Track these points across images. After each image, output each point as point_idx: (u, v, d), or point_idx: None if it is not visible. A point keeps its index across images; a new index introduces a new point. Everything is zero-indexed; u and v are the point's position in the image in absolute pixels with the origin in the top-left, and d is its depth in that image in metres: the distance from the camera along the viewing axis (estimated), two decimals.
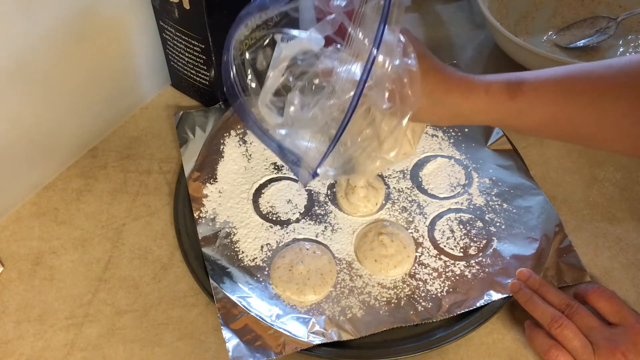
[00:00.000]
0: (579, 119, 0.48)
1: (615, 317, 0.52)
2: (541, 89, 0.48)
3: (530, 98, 0.48)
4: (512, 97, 0.48)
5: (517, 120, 0.50)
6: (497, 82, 0.49)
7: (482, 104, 0.49)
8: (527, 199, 0.65)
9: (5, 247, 0.62)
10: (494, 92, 0.49)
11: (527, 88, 0.48)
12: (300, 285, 0.58)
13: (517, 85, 0.48)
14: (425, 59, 0.49)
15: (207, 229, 0.62)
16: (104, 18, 0.65)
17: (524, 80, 0.48)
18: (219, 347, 0.55)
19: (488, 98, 0.49)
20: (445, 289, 0.58)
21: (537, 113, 0.49)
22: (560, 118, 0.48)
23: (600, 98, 0.47)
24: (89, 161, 0.70)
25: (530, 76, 0.49)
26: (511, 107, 0.49)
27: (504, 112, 0.49)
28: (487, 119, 0.51)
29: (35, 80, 0.60)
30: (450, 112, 0.50)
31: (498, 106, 0.49)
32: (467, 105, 0.49)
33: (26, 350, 0.55)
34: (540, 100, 0.48)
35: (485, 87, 0.49)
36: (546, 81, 0.48)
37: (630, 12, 0.78)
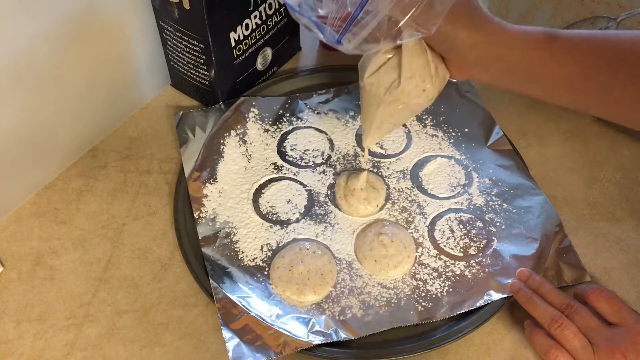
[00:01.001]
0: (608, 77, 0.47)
1: (615, 317, 0.52)
2: (575, 40, 0.48)
3: (565, 45, 0.48)
4: (548, 41, 0.48)
5: (550, 67, 0.49)
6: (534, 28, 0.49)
7: (520, 40, 0.49)
8: (527, 199, 0.65)
9: (5, 247, 0.62)
10: (531, 33, 0.49)
11: (563, 37, 0.48)
12: (300, 285, 0.58)
13: (553, 34, 0.48)
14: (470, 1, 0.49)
15: (207, 229, 0.62)
16: (104, 18, 0.65)
17: (559, 31, 0.49)
18: (219, 347, 0.55)
19: (526, 36, 0.49)
20: (445, 289, 0.58)
21: (570, 63, 0.48)
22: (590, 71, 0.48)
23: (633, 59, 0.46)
24: (89, 161, 0.70)
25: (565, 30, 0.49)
26: (547, 51, 0.48)
27: (539, 54, 0.48)
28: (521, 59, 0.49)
29: (35, 81, 0.60)
30: (486, 40, 0.49)
31: (535, 46, 0.48)
32: (505, 37, 0.49)
33: (26, 350, 0.55)
34: (574, 49, 0.48)
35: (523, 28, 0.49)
36: (580, 35, 0.49)
37: (630, 12, 0.78)
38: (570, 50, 0.48)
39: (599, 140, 0.72)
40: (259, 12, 0.70)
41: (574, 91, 0.50)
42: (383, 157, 0.70)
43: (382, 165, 0.69)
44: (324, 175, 0.68)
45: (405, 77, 0.51)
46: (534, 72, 0.49)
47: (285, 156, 0.70)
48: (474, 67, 0.51)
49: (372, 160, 0.69)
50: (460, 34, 0.49)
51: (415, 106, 0.54)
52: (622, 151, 0.71)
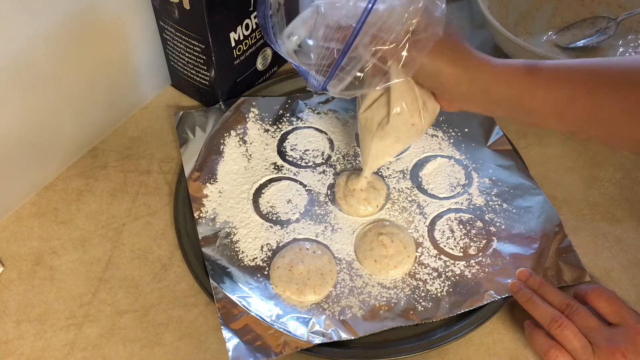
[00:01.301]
0: (592, 102, 0.48)
1: (615, 317, 0.52)
2: (559, 70, 0.49)
3: (548, 77, 0.49)
4: (531, 72, 0.49)
5: (534, 97, 0.50)
6: (516, 61, 0.50)
7: (502, 73, 0.50)
8: (527, 199, 0.65)
9: (5, 247, 0.62)
10: (513, 66, 0.50)
11: (545, 68, 0.49)
12: (300, 285, 0.58)
13: (535, 65, 0.49)
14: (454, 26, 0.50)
15: (207, 229, 0.62)
16: (104, 18, 0.65)
17: (540, 62, 0.50)
18: (219, 347, 0.55)
19: (508, 70, 0.50)
20: (445, 289, 0.58)
21: (554, 91, 0.49)
22: (574, 99, 0.48)
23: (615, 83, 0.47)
24: (89, 161, 0.70)
25: (545, 62, 0.50)
26: (530, 83, 0.49)
27: (522, 87, 0.49)
28: (505, 93, 0.50)
29: (35, 81, 0.60)
30: (469, 75, 0.50)
31: (517, 80, 0.49)
32: (488, 71, 0.50)
33: (26, 350, 0.55)
34: (558, 79, 0.49)
35: (505, 62, 0.50)
36: (561, 65, 0.50)
37: (630, 12, 0.78)
38: (552, 81, 0.49)
39: None
40: None
41: (561, 117, 0.51)
42: None
43: (382, 165, 0.69)
44: (324, 175, 0.68)
45: (394, 114, 0.53)
46: (519, 103, 0.50)
47: (285, 156, 0.70)
48: (462, 101, 0.53)
49: None
50: (444, 71, 0.50)
51: (407, 139, 0.57)
52: (622, 151, 0.70)
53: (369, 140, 0.57)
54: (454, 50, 0.50)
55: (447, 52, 0.50)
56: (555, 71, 0.49)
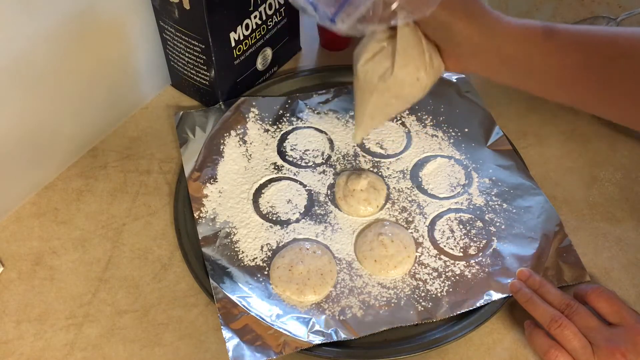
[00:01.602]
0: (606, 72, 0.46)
1: (615, 318, 0.52)
2: (574, 34, 0.48)
3: (563, 39, 0.47)
4: (546, 34, 0.47)
5: (547, 60, 0.48)
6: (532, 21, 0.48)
7: (517, 32, 0.48)
8: (527, 199, 0.65)
9: (5, 247, 0.62)
10: (528, 26, 0.48)
11: (562, 31, 0.47)
12: (300, 285, 0.58)
13: (551, 28, 0.47)
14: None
15: (207, 229, 0.62)
16: (104, 18, 0.65)
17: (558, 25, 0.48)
18: (219, 347, 0.55)
19: (523, 29, 0.48)
20: (445, 289, 0.58)
21: (569, 56, 0.47)
22: (589, 66, 0.47)
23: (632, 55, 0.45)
24: (89, 161, 0.70)
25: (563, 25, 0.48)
26: (544, 44, 0.47)
27: (536, 47, 0.48)
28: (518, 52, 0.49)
29: (35, 81, 0.60)
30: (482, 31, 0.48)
31: (531, 39, 0.48)
32: (502, 29, 0.48)
33: (26, 350, 0.55)
34: (572, 43, 0.47)
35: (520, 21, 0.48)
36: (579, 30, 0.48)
37: (630, 12, 0.78)
38: (568, 45, 0.47)
39: (599, 141, 0.72)
40: (259, 12, 0.70)
41: (572, 86, 0.49)
42: (383, 157, 0.70)
43: (382, 165, 0.69)
44: (324, 175, 0.68)
45: (399, 65, 0.50)
46: (531, 65, 0.49)
47: (285, 156, 0.70)
48: (470, 59, 0.51)
49: (372, 160, 0.69)
50: (457, 23, 0.48)
51: (409, 96, 0.54)
52: (622, 151, 0.71)
53: (367, 95, 0.54)
54: (468, 4, 0.48)
55: (461, 4, 0.48)
56: (573, 36, 0.47)
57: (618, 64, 0.46)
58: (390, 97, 0.54)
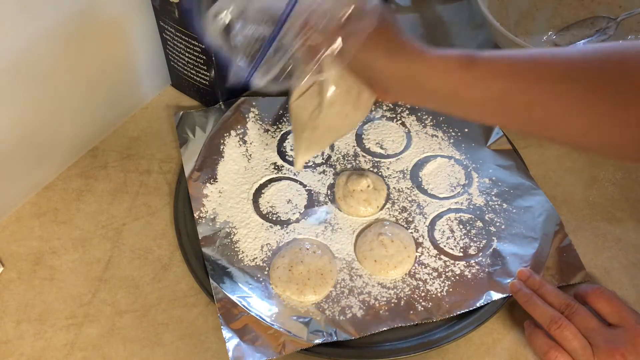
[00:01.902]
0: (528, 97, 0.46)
1: (615, 318, 0.52)
2: (494, 62, 0.47)
3: (483, 69, 0.47)
4: (466, 65, 0.47)
5: (469, 91, 0.48)
6: (452, 52, 0.48)
7: (437, 65, 0.48)
8: (527, 199, 0.65)
9: (5, 247, 0.62)
10: (449, 58, 0.48)
11: (482, 60, 0.47)
12: (300, 285, 0.58)
13: (471, 57, 0.47)
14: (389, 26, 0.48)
15: (207, 229, 0.62)
16: (104, 18, 0.65)
17: (480, 54, 0.48)
18: (219, 347, 0.55)
19: (443, 61, 0.48)
20: (445, 289, 0.58)
21: (489, 85, 0.47)
22: (510, 93, 0.47)
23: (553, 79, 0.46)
24: (89, 161, 0.70)
25: (486, 52, 0.48)
26: (464, 76, 0.47)
27: (457, 79, 0.48)
28: (440, 85, 0.49)
29: (35, 81, 0.60)
30: (404, 68, 0.48)
31: (452, 72, 0.48)
32: (423, 63, 0.48)
33: (26, 350, 0.55)
34: (492, 72, 0.47)
35: (441, 53, 0.48)
36: (500, 57, 0.48)
37: (630, 12, 0.78)
38: (488, 74, 0.47)
39: None
40: None
41: (496, 111, 0.49)
42: (383, 157, 0.70)
43: (382, 165, 0.69)
44: (324, 175, 0.68)
45: (327, 104, 0.51)
46: (454, 95, 0.49)
47: (285, 156, 0.70)
48: (398, 93, 0.51)
49: (372, 160, 0.69)
50: (378, 63, 0.49)
51: (340, 130, 0.55)
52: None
53: (299, 131, 0.55)
54: (389, 41, 0.48)
55: (382, 42, 0.48)
56: (493, 64, 0.47)
57: (539, 88, 0.46)
58: (322, 133, 0.54)
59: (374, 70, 0.49)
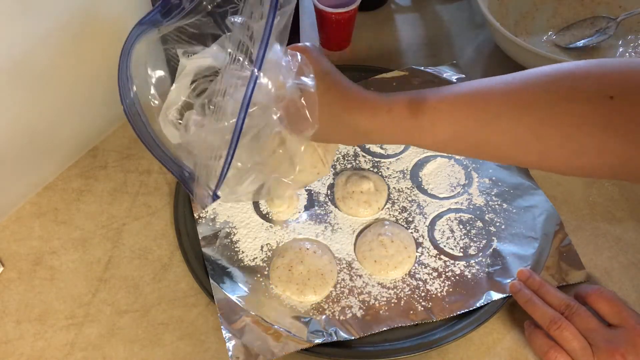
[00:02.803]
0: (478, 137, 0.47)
1: (615, 319, 0.52)
2: (441, 107, 0.47)
3: (431, 116, 0.47)
4: (414, 115, 0.47)
5: (420, 138, 0.48)
6: (401, 100, 0.48)
7: (385, 122, 0.48)
8: (527, 199, 0.65)
9: (6, 247, 0.62)
10: (396, 111, 0.48)
11: (428, 106, 0.47)
12: (300, 285, 0.58)
13: (419, 104, 0.47)
14: (328, 76, 0.48)
15: (207, 229, 0.62)
16: (104, 18, 0.65)
17: (426, 98, 0.47)
18: (219, 347, 0.55)
19: (390, 117, 0.48)
20: (445, 289, 0.58)
21: (438, 131, 0.47)
22: (460, 136, 0.47)
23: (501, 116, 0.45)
24: (89, 161, 0.70)
25: (432, 95, 0.48)
26: (413, 125, 0.47)
27: (407, 130, 0.48)
28: (390, 138, 0.50)
29: (35, 81, 0.60)
30: (353, 131, 0.49)
31: (401, 124, 0.48)
32: (369, 124, 0.48)
33: (26, 350, 0.55)
34: (440, 117, 0.47)
35: (389, 105, 0.48)
36: (446, 98, 0.47)
37: (630, 12, 0.78)
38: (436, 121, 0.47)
39: None
40: None
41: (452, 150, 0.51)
42: (383, 157, 0.70)
43: (382, 165, 0.69)
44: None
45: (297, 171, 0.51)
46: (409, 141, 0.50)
47: None
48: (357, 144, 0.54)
49: (372, 160, 0.69)
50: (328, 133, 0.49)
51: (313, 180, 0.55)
52: None
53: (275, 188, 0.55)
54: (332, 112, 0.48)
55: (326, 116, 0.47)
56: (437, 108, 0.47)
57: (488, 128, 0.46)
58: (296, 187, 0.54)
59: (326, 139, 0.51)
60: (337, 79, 0.49)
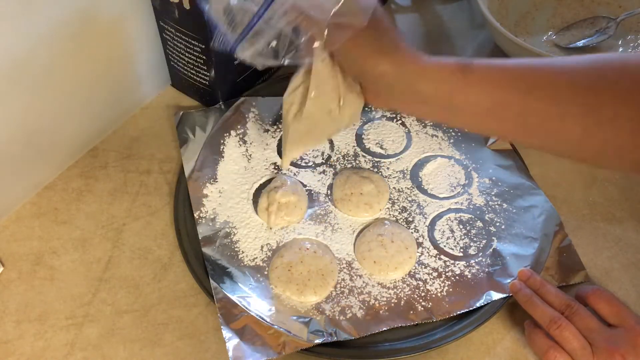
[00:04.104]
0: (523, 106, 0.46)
1: (615, 319, 0.52)
2: (489, 71, 0.47)
3: (478, 77, 0.46)
4: (461, 72, 0.46)
5: (463, 98, 0.47)
6: (448, 58, 0.47)
7: (433, 69, 0.47)
8: (527, 199, 0.65)
9: (5, 247, 0.62)
10: (444, 64, 0.47)
11: (478, 68, 0.47)
12: (300, 285, 0.58)
13: (467, 65, 0.47)
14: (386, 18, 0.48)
15: (207, 229, 0.62)
16: (104, 18, 0.65)
17: (474, 61, 0.47)
18: (219, 347, 0.55)
19: (437, 68, 0.47)
20: (445, 289, 0.58)
21: (486, 93, 0.46)
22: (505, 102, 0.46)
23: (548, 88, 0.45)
24: (89, 161, 0.70)
25: (480, 60, 0.48)
26: (460, 81, 0.47)
27: (452, 86, 0.47)
28: (433, 91, 0.48)
29: (35, 81, 0.60)
30: (396, 69, 0.47)
31: (447, 78, 0.47)
32: (416, 67, 0.47)
33: (26, 350, 0.55)
34: (488, 80, 0.47)
35: (436, 60, 0.47)
36: (495, 65, 0.47)
37: (630, 12, 0.78)
38: (484, 82, 0.47)
39: None
40: None
41: (489, 120, 0.48)
42: (383, 157, 0.70)
43: (382, 165, 0.69)
44: (324, 175, 0.68)
45: (310, 97, 0.51)
46: (448, 103, 0.48)
47: None
48: (388, 97, 0.50)
49: (372, 160, 0.69)
50: (368, 62, 0.48)
51: (323, 129, 0.55)
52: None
53: (286, 125, 0.55)
54: (381, 41, 0.47)
55: (374, 41, 0.47)
56: (488, 72, 0.47)
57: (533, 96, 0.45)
58: (306, 129, 0.54)
59: (364, 67, 0.49)
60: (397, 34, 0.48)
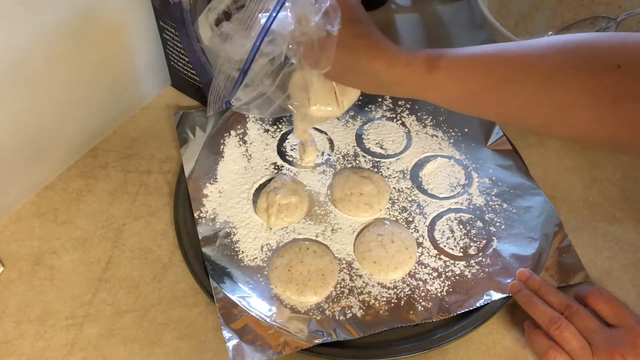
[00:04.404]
0: (487, 98, 0.48)
1: (615, 319, 0.52)
2: (456, 64, 0.48)
3: (446, 73, 0.48)
4: (430, 70, 0.48)
5: (433, 94, 0.50)
6: (420, 55, 0.49)
7: (402, 75, 0.49)
8: (527, 199, 0.65)
9: (5, 247, 0.62)
10: (414, 65, 0.49)
11: (444, 63, 0.48)
12: (300, 285, 0.58)
13: (436, 60, 0.48)
14: (359, 25, 0.50)
15: (207, 229, 0.62)
16: (104, 18, 0.65)
17: (443, 55, 0.49)
18: (219, 347, 0.55)
19: (408, 70, 0.49)
20: (445, 289, 0.58)
21: (451, 89, 0.49)
22: (468, 96, 0.49)
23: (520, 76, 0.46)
24: (89, 161, 0.70)
25: (449, 52, 0.49)
26: (428, 81, 0.49)
27: (422, 85, 0.49)
28: (405, 91, 0.51)
29: (35, 81, 0.60)
30: (372, 79, 0.50)
31: (416, 79, 0.49)
32: (387, 75, 0.49)
33: (26, 350, 0.55)
34: (454, 75, 0.48)
35: (408, 59, 0.49)
36: (461, 57, 0.49)
37: (630, 12, 0.78)
38: (451, 77, 0.48)
39: None
40: None
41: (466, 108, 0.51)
42: (383, 157, 0.70)
43: (382, 165, 0.69)
44: (324, 175, 0.68)
45: (310, 104, 0.55)
46: (421, 97, 0.51)
47: (285, 156, 0.70)
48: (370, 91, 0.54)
49: (372, 160, 0.69)
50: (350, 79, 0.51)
51: (327, 117, 0.58)
52: None
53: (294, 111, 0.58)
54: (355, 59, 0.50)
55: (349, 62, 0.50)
56: (455, 66, 0.48)
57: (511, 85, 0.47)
58: (310, 121, 0.59)
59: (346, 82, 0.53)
60: (367, 29, 0.50)
